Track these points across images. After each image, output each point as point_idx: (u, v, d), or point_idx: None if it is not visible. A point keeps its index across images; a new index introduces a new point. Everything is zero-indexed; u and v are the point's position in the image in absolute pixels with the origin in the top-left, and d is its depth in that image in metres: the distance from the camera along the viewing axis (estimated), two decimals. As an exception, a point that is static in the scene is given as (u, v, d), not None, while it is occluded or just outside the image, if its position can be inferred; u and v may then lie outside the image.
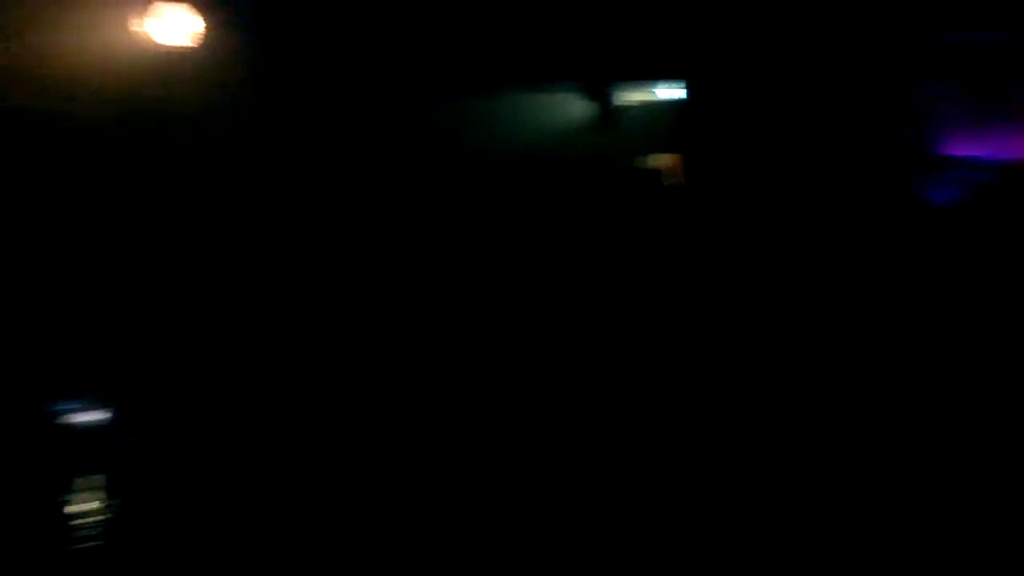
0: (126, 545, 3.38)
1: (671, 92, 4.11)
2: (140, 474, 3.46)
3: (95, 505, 3.36)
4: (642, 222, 4.05)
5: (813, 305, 3.76)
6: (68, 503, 3.32)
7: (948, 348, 3.57)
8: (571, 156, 4.10)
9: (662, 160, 4.13)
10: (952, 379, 3.49)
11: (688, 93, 4.02)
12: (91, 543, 3.33)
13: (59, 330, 3.55)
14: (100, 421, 3.38)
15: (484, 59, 3.95)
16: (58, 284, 3.55)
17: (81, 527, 3.33)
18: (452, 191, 4.07)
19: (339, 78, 4.04)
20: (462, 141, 4.09)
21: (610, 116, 4.10)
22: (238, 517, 3.48)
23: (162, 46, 3.86)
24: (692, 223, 3.96)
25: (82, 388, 3.39)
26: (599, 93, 4.07)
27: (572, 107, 4.11)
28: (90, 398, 3.38)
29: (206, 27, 3.88)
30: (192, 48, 3.88)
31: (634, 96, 4.16)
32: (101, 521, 3.36)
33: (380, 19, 3.92)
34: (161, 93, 3.88)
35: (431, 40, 3.92)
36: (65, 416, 3.32)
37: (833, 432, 3.48)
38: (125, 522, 3.39)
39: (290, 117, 4.05)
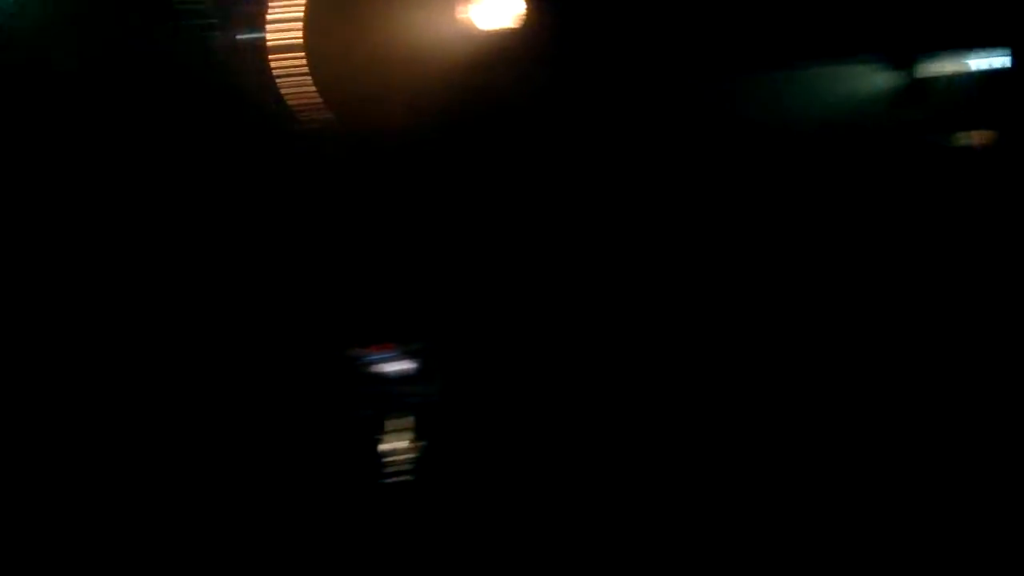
0: (430, 482, 3.79)
1: (987, 61, 3.73)
2: (444, 419, 3.85)
3: (404, 444, 3.80)
4: (951, 203, 3.76)
5: None
6: (381, 442, 3.78)
7: None
8: (874, 132, 3.87)
9: (975, 137, 3.78)
10: None
11: (1012, 61, 3.63)
12: (401, 478, 3.78)
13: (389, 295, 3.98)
14: (411, 369, 3.82)
15: (783, 31, 3.82)
16: (378, 252, 3.97)
17: (392, 463, 3.79)
18: (753, 168, 4.01)
19: (648, 56, 4.08)
20: (761, 117, 4.00)
21: (916, 88, 3.80)
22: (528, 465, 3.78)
23: (484, 31, 4.04)
24: (1007, 206, 3.62)
25: (400, 340, 3.84)
26: (905, 63, 3.79)
27: (875, 79, 3.86)
28: (405, 350, 3.83)
29: (527, 9, 4.01)
30: (513, 31, 4.05)
31: (944, 66, 3.82)
32: (409, 459, 3.80)
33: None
34: (485, 78, 4.06)
35: (728, 14, 3.87)
36: (380, 364, 3.78)
37: None
38: (430, 461, 3.81)
39: (604, 98, 4.12)
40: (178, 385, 3.75)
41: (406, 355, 3.80)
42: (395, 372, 3.77)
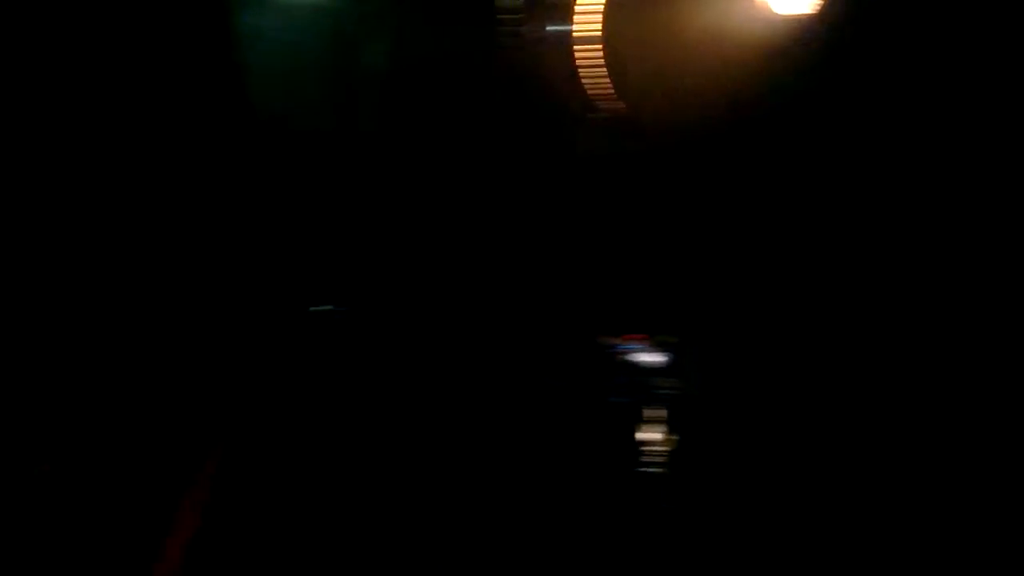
0: (683, 476, 3.73)
1: None
2: (701, 414, 3.77)
3: (659, 437, 3.77)
4: None
5: None
6: (635, 432, 3.77)
7: None
8: None
9: None
10: None
11: None
12: (654, 470, 3.76)
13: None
14: (666, 362, 3.77)
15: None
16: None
17: (646, 455, 3.77)
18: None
19: (968, 52, 3.71)
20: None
21: None
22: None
23: (781, 17, 3.88)
24: None
25: (655, 331, 3.80)
26: None
27: None
28: (659, 341, 3.78)
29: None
30: (811, 16, 3.86)
31: None
32: (663, 452, 3.76)
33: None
34: (779, 66, 3.91)
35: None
36: (634, 354, 3.77)
37: None
38: (685, 456, 3.75)
39: (914, 94, 3.82)
40: (442, 370, 3.99)
41: (660, 347, 3.76)
42: (648, 363, 3.75)
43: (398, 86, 4.35)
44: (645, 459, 3.75)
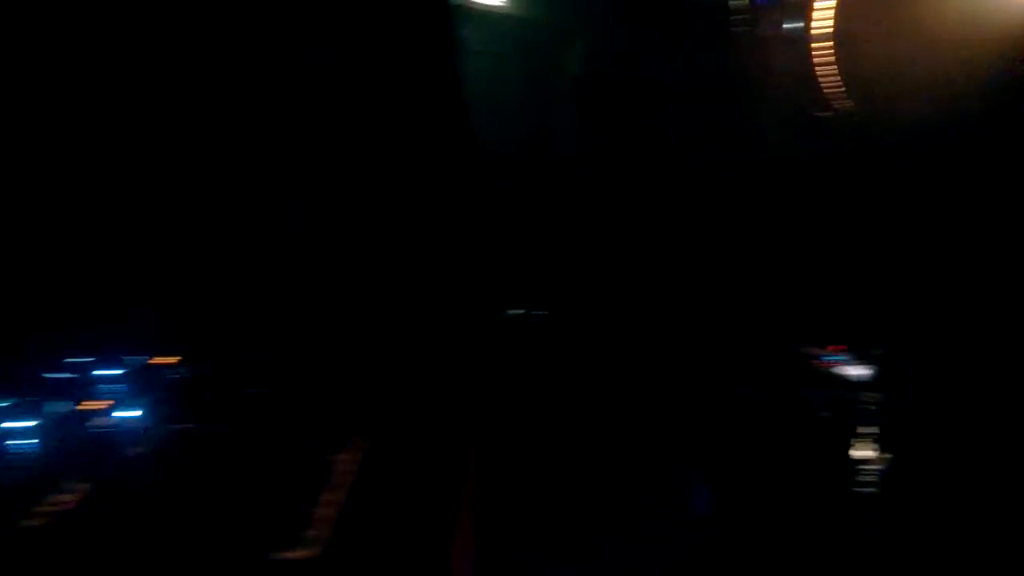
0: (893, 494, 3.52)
1: None
2: (912, 430, 3.53)
3: (871, 454, 3.56)
4: None
5: None
6: (850, 449, 3.58)
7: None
8: None
9: None
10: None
11: None
12: (867, 489, 3.56)
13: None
14: (872, 375, 3.56)
15: None
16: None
17: (860, 473, 3.58)
18: None
19: None
20: None
21: None
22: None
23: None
24: None
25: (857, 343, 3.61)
26: None
27: None
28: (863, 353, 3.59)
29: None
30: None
31: None
32: (874, 470, 3.55)
33: None
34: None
35: None
36: (837, 366, 3.59)
37: None
38: (899, 475, 3.52)
39: None
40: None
41: (865, 359, 3.56)
42: (856, 376, 3.56)
43: (603, 92, 4.41)
44: (855, 475, 3.56)
